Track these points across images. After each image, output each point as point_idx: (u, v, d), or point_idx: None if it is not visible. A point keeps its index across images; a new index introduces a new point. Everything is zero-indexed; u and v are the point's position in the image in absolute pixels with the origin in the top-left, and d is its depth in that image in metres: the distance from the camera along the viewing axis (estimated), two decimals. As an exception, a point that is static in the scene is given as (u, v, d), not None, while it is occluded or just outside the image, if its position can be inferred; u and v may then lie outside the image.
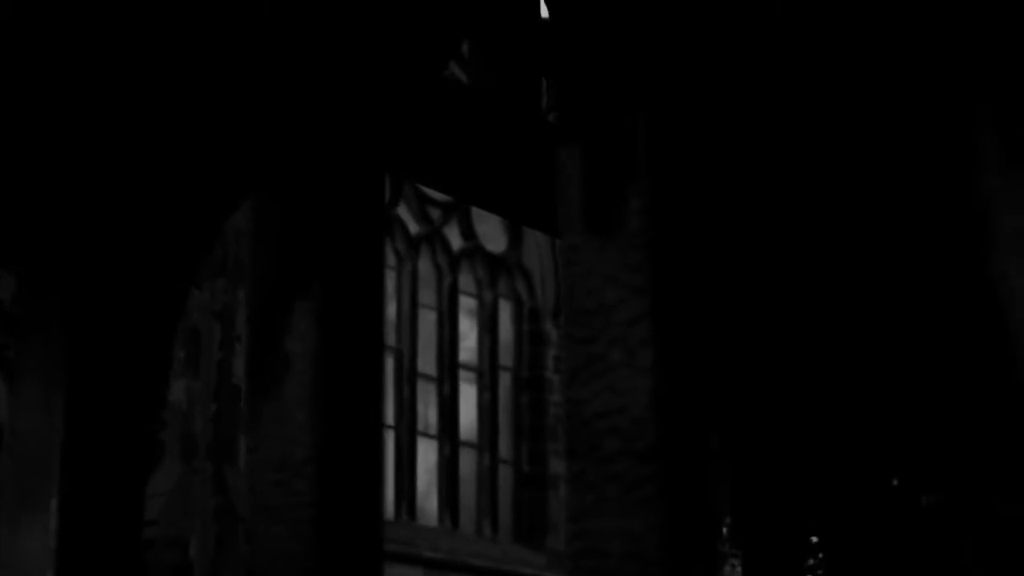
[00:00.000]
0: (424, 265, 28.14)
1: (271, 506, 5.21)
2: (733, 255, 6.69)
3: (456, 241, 27.79)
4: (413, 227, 28.00)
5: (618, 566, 3.81)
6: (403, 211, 27.64)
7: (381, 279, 5.72)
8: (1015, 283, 2.68)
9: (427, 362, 27.85)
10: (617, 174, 4.18)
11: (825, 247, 7.34)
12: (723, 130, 4.46)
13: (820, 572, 10.32)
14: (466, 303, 28.31)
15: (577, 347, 4.07)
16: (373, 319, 5.58)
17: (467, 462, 27.69)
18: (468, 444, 27.66)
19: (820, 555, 10.20)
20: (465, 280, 28.21)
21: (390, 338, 27.25)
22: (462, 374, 27.85)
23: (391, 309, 27.13)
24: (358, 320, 5.50)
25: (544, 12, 6.12)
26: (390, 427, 26.95)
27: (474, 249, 28.18)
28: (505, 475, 28.15)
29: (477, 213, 28.19)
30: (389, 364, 27.03)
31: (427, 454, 27.70)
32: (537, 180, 5.59)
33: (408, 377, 27.68)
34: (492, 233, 28.84)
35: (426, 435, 27.58)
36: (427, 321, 28.17)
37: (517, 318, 29.10)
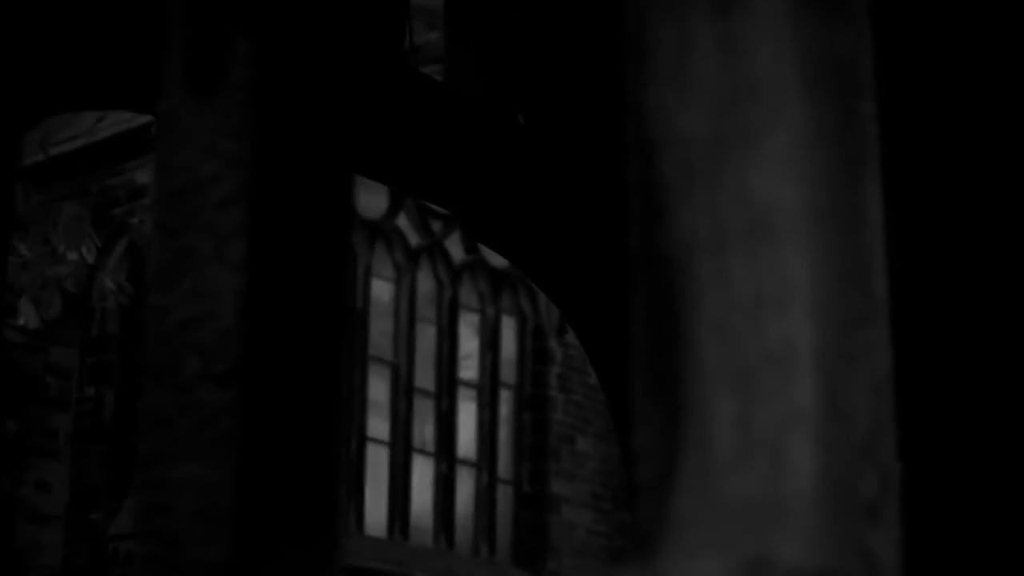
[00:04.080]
0: (424, 278, 27.24)
1: None
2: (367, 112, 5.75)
3: (458, 254, 26.88)
4: (413, 239, 27.12)
5: (185, 527, 2.87)
6: (403, 222, 26.78)
7: (11, 196, 4.83)
8: (677, 121, 1.78)
9: (425, 377, 26.93)
10: (222, 15, 3.25)
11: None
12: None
13: None
14: (468, 318, 27.39)
15: (165, 240, 3.13)
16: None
17: (465, 481, 26.74)
18: (466, 462, 26.70)
19: None
20: (467, 294, 27.28)
21: (387, 352, 26.44)
22: (462, 391, 26.96)
23: (388, 323, 26.30)
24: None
25: None
26: (384, 443, 26.11)
27: (476, 262, 27.23)
28: (504, 495, 27.20)
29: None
30: (385, 378, 26.21)
31: (423, 471, 26.76)
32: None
33: (405, 392, 26.78)
34: (496, 245, 27.92)
35: (422, 452, 26.65)
36: (426, 336, 27.26)
37: (520, 335, 28.17)
